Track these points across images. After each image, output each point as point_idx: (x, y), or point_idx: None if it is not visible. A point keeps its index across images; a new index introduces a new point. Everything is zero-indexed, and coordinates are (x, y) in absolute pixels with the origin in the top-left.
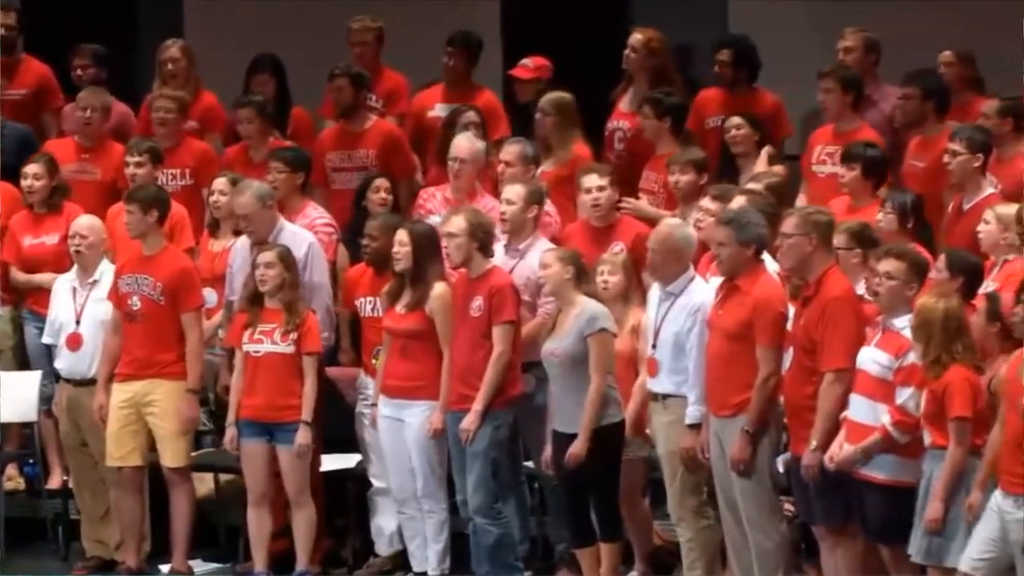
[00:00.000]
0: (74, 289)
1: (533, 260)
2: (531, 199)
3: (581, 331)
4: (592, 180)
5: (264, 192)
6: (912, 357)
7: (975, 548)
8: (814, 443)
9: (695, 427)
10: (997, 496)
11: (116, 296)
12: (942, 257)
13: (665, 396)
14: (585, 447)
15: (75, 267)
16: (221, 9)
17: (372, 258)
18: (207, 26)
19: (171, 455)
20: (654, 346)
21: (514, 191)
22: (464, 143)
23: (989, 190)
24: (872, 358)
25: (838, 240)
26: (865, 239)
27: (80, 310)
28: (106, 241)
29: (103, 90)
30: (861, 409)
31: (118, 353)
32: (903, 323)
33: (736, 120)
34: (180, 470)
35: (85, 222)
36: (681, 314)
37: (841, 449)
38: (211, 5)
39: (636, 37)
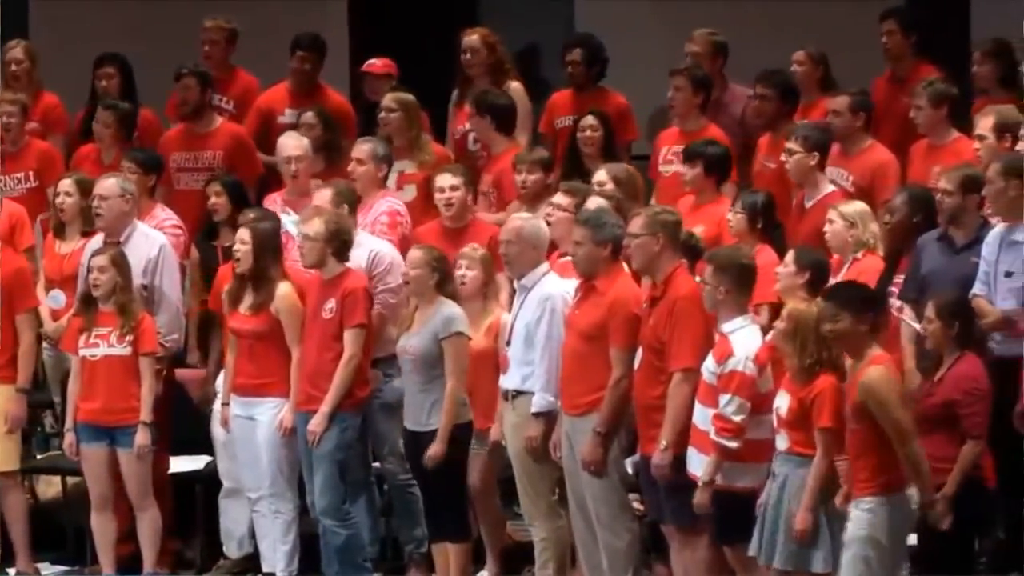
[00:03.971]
0: None
1: (360, 256)
2: (338, 201)
3: (436, 332)
4: (446, 180)
5: (127, 185)
6: (732, 364)
7: None
8: (664, 443)
9: (540, 415)
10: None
11: None
12: (791, 253)
13: (514, 396)
14: (442, 449)
15: None
16: (67, 9)
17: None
18: (53, 26)
19: (0, 459)
20: (508, 342)
21: (323, 196)
22: (291, 142)
23: (829, 188)
24: (705, 364)
25: None
26: (688, 249)
27: None
28: None
29: None
30: (700, 415)
31: None
32: (731, 327)
33: (591, 121)
34: (9, 474)
35: None
36: (531, 305)
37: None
38: (57, 4)
39: (472, 37)
